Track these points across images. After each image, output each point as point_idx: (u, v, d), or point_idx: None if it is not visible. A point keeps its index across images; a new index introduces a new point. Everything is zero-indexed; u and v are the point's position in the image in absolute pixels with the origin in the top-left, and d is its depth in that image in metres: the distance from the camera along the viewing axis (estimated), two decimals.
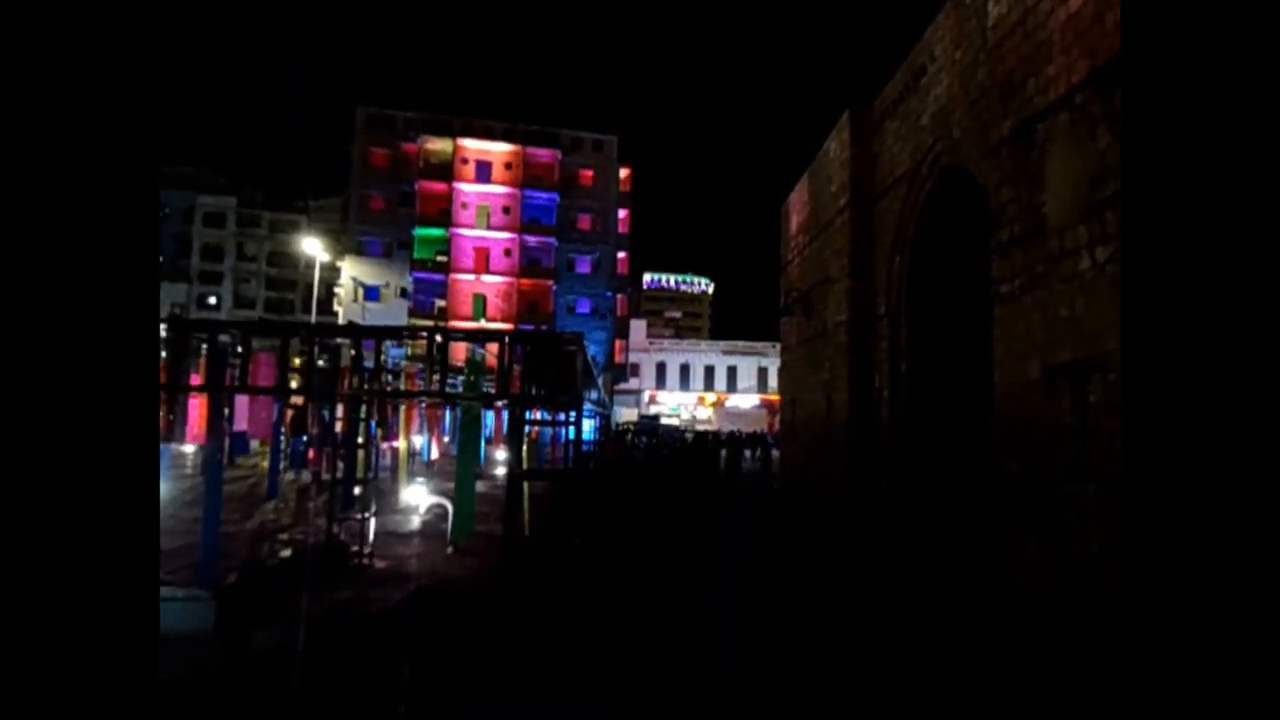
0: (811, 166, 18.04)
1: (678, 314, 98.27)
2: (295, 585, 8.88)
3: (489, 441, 22.51)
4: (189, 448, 19.90)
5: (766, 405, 56.57)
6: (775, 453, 27.30)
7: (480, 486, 15.49)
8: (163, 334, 6.80)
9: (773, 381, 53.13)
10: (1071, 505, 6.59)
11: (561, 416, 10.00)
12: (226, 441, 9.64)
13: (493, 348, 7.89)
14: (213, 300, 66.76)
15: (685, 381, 59.52)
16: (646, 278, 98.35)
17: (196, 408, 8.75)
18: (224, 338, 6.41)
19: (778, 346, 24.60)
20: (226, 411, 8.42)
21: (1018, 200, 7.95)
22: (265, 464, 21.69)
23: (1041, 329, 7.34)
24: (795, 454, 20.02)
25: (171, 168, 74.82)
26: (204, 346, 7.58)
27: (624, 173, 53.97)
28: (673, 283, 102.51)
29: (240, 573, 9.02)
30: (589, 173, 51.81)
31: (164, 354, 7.47)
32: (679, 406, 58.51)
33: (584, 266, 51.15)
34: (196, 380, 6.67)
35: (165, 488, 12.57)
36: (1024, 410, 7.66)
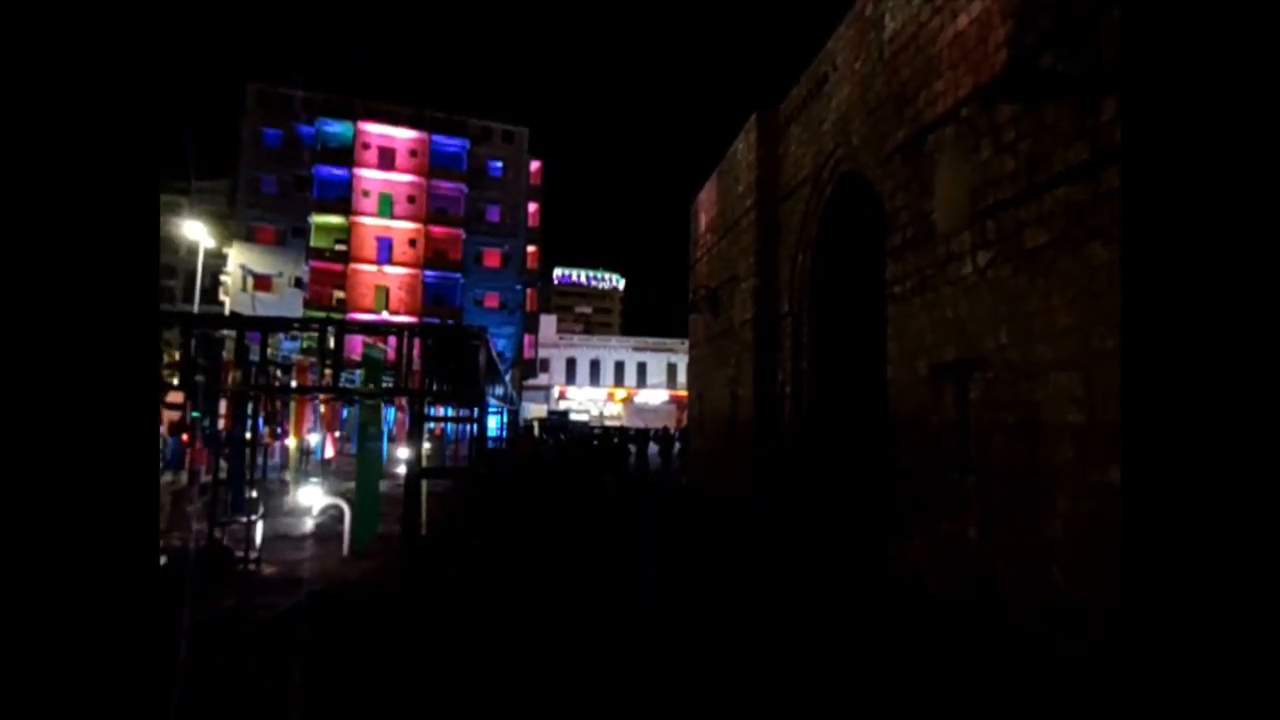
0: (720, 166, 18.38)
1: (588, 309, 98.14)
2: (173, 594, 8.25)
3: (391, 439, 21.69)
4: None
5: (675, 401, 57.39)
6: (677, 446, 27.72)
7: (382, 486, 14.91)
8: None
9: (682, 377, 53.98)
10: (954, 493, 7.02)
11: (465, 413, 9.75)
12: None
13: (393, 341, 7.57)
14: None
15: (595, 377, 59.53)
16: (557, 273, 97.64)
17: None
18: None
19: (686, 343, 24.98)
20: None
21: (909, 206, 8.37)
22: None
23: (930, 329, 7.77)
24: (702, 447, 20.39)
25: None
26: None
27: (535, 166, 53.29)
28: (584, 278, 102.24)
29: None
30: (498, 164, 50.82)
31: None
32: (588, 402, 58.46)
33: (493, 260, 50.17)
34: None
35: None
36: (913, 406, 8.08)
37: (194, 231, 34.99)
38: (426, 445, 23.96)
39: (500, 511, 13.04)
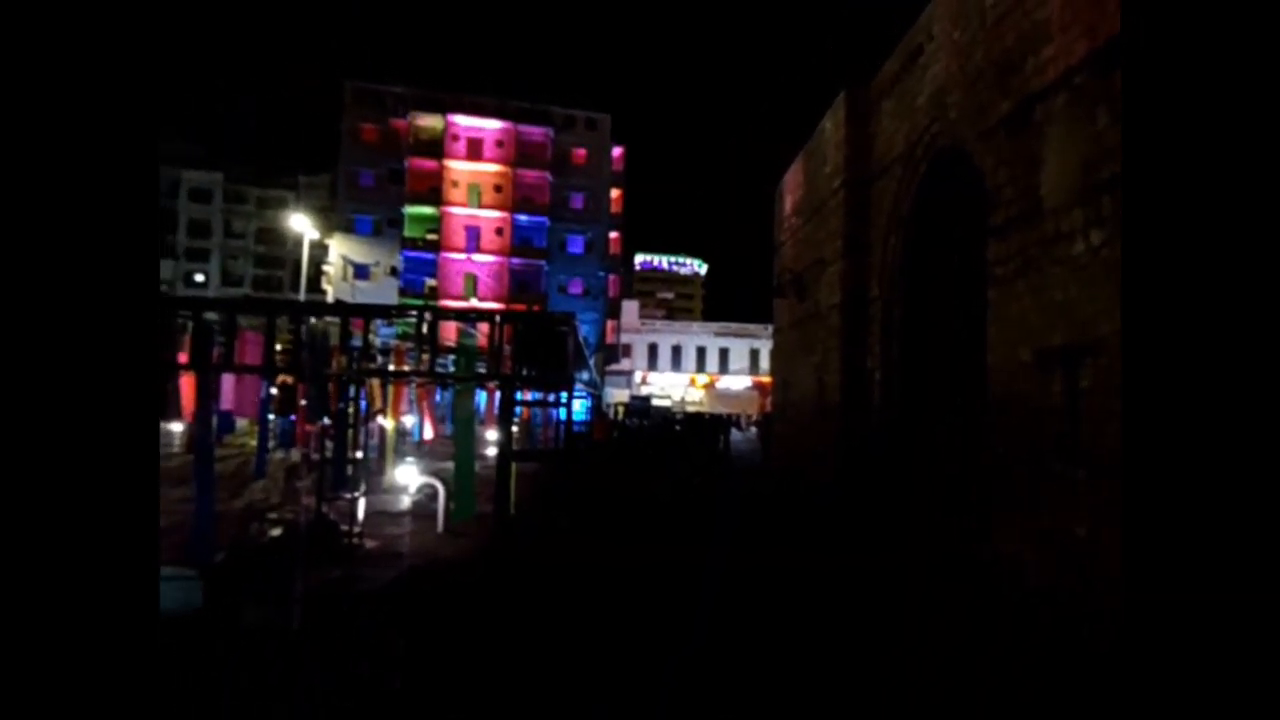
0: (807, 147, 17.91)
1: (670, 295, 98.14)
2: (285, 564, 8.85)
3: (481, 422, 22.46)
4: (176, 425, 19.76)
5: (758, 387, 56.73)
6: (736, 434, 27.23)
7: None
8: None
9: (765, 363, 53.24)
10: (1060, 486, 6.63)
11: (553, 397, 9.96)
12: (214, 420, 9.55)
13: (484, 327, 7.81)
14: (200, 277, 66.06)
15: (677, 363, 59.57)
16: (639, 259, 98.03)
17: (184, 386, 8.64)
18: (210, 315, 6.31)
19: (770, 328, 24.59)
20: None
21: (1014, 182, 7.91)
22: (252, 443, 21.59)
23: (1035, 312, 7.33)
24: (786, 433, 20.10)
25: (161, 142, 73.48)
26: (189, 324, 7.48)
27: (617, 152, 53.51)
28: (665, 264, 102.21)
29: (228, 551, 8.97)
30: (582, 151, 51.31)
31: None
32: (670, 388, 58.60)
33: (576, 246, 50.85)
34: (184, 359, 6.58)
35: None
36: (1014, 394, 7.67)
37: (299, 224, 37.11)
38: (513, 429, 24.70)
39: (584, 493, 13.29)
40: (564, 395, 8.48)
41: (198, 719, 5.45)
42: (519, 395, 8.93)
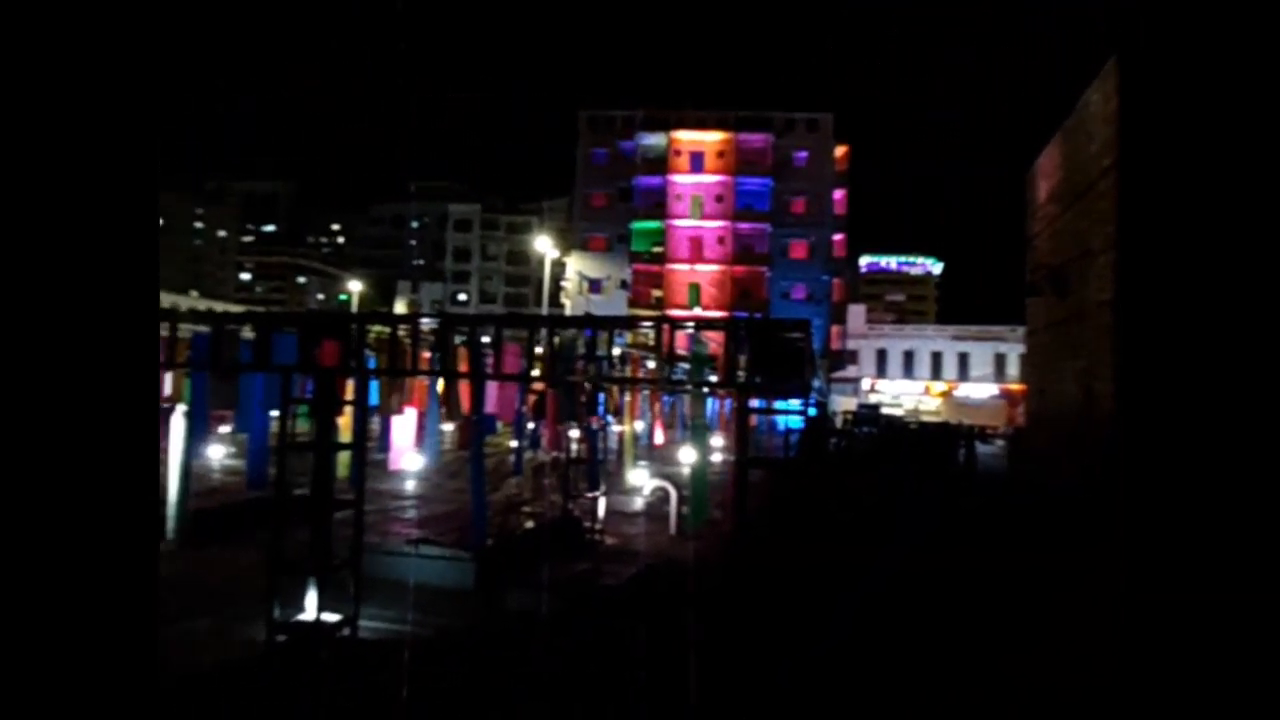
0: (1065, 125, 15.85)
1: (900, 297, 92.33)
2: (538, 554, 9.79)
3: (707, 430, 22.96)
4: (447, 426, 22.73)
5: (1006, 395, 51.16)
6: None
7: None
8: (433, 326, 7.82)
9: (1013, 369, 47.93)
10: None
11: (782, 405, 9.88)
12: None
13: (717, 336, 7.99)
14: (462, 296, 75.50)
15: (909, 369, 55.76)
16: (865, 260, 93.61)
17: (462, 391, 9.94)
18: (485, 330, 7.23)
19: (1020, 330, 22.09)
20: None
21: None
22: (508, 443, 24.12)
23: None
24: (1041, 451, 17.88)
25: (426, 182, 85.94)
26: (465, 339, 8.63)
27: (840, 151, 51.72)
28: (894, 264, 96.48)
29: (495, 540, 10.14)
30: (803, 154, 50.37)
31: (433, 344, 8.57)
32: (902, 396, 54.98)
33: (798, 251, 49.95)
34: (463, 368, 7.60)
35: (428, 462, 14.45)
36: None
37: (542, 245, 40.92)
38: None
39: (816, 501, 12.96)
40: (796, 403, 8.39)
41: (469, 690, 6.21)
42: (753, 403, 8.98)
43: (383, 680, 6.18)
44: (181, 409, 10.63)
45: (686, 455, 21.77)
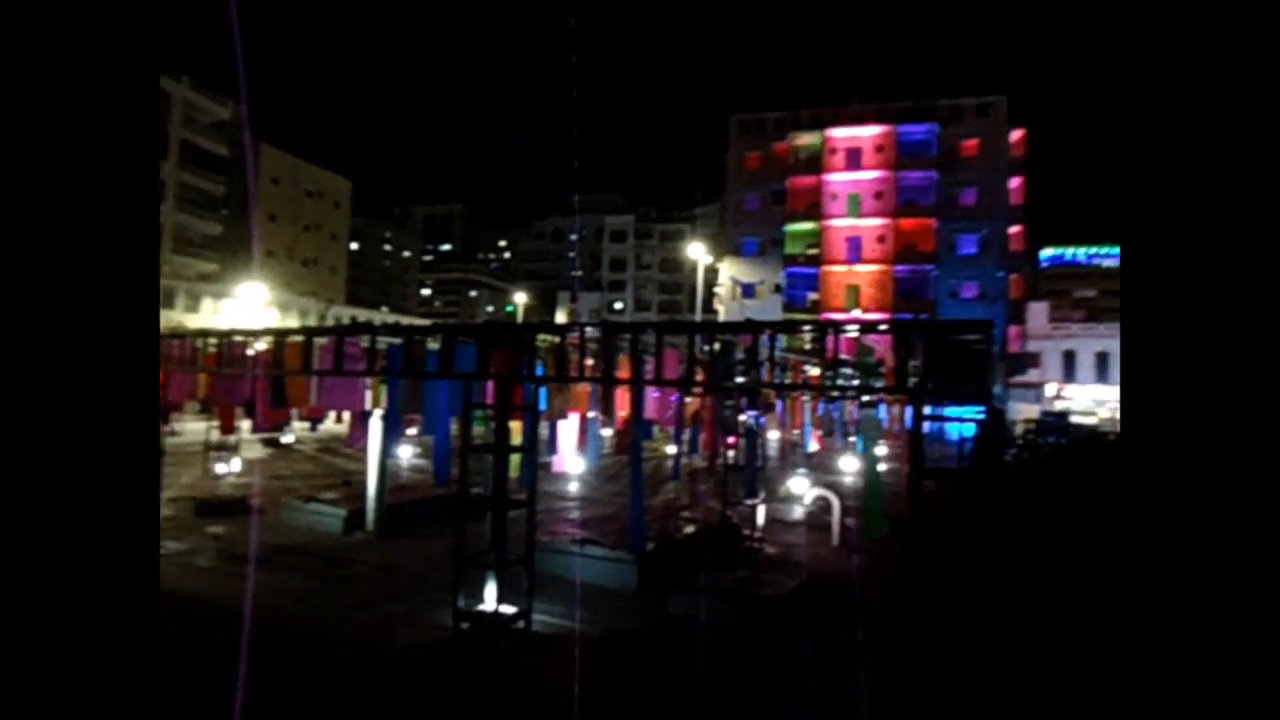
0: None
1: (1091, 293, 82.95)
2: (698, 559, 9.81)
3: (877, 437, 21.96)
4: (606, 431, 23.49)
5: None
6: None
7: (857, 481, 15.12)
8: (596, 334, 8.11)
9: None
10: None
11: (953, 411, 9.20)
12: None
13: (882, 339, 7.60)
14: (618, 305, 77.85)
15: (1103, 373, 49.88)
16: (1047, 253, 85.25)
17: (618, 398, 10.24)
18: (645, 337, 7.39)
19: None
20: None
21: None
22: (665, 448, 24.47)
23: None
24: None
25: (587, 195, 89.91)
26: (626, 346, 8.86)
27: (1016, 136, 47.52)
28: (1082, 257, 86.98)
29: (656, 543, 10.30)
30: (972, 142, 46.83)
31: (595, 352, 8.89)
32: (1094, 403, 49.29)
33: (968, 247, 46.44)
34: (623, 374, 7.81)
35: (589, 465, 14.99)
36: None
37: (695, 252, 41.24)
38: (896, 444, 23.49)
39: (993, 515, 11.93)
40: (973, 410, 7.78)
41: (638, 688, 6.32)
42: (929, 410, 8.44)
43: (557, 672, 6.47)
44: (378, 413, 11.82)
45: (847, 463, 20.95)
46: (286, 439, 25.10)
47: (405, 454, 19.92)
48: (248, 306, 37.02)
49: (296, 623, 7.66)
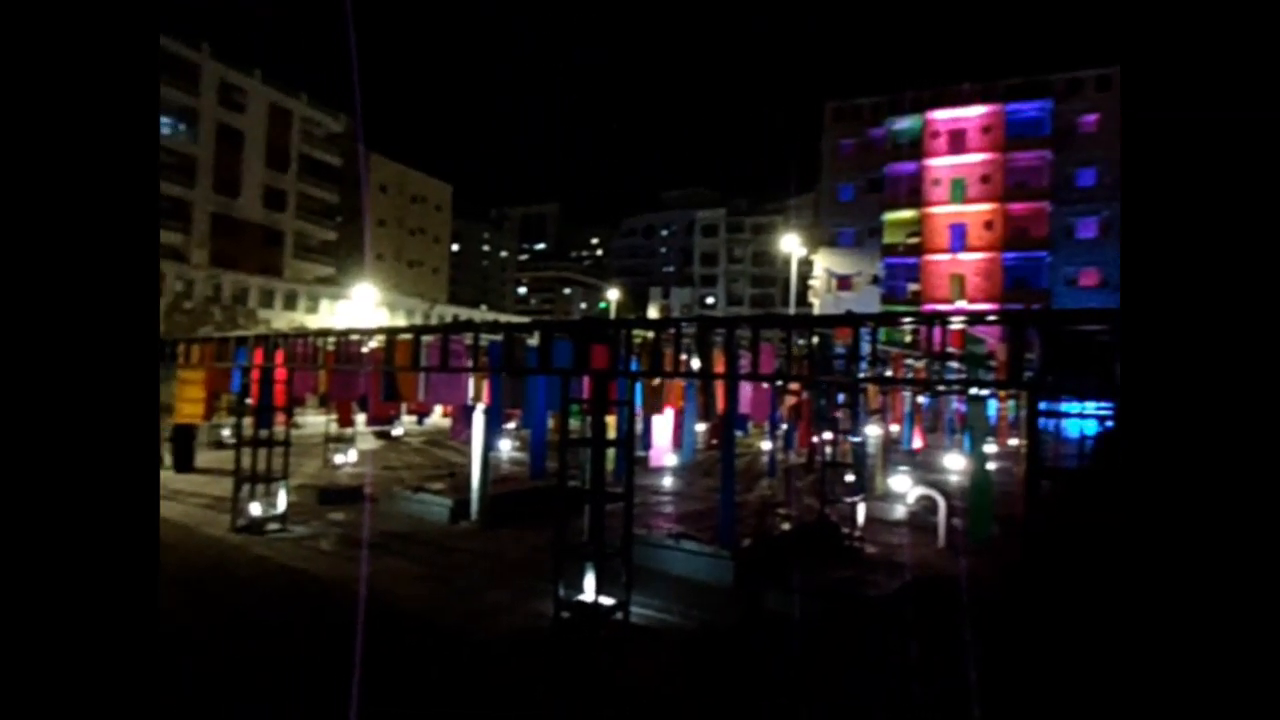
0: None
1: None
2: (795, 557, 9.64)
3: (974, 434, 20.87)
4: (700, 426, 23.45)
5: None
6: None
7: (963, 480, 14.35)
8: (691, 330, 8.10)
9: None
10: None
11: (1073, 407, 8.59)
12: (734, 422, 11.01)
13: (992, 330, 7.20)
14: (710, 300, 77.44)
15: None
16: None
17: (717, 391, 10.19)
18: (741, 331, 7.32)
19: None
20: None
21: None
22: (758, 444, 24.16)
23: None
24: None
25: (678, 190, 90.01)
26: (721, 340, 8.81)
27: None
28: None
29: (752, 539, 10.20)
30: (1091, 118, 43.49)
31: (689, 347, 8.86)
32: None
33: (1087, 230, 43.21)
34: (719, 369, 7.76)
35: (684, 459, 14.98)
36: None
37: (788, 244, 40.44)
38: (1014, 442, 22.15)
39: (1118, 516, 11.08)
40: (1089, 405, 7.23)
41: (737, 684, 6.28)
42: (1045, 406, 7.94)
43: (656, 664, 6.54)
44: (481, 407, 12.30)
45: (953, 461, 19.99)
46: (396, 432, 26.55)
47: (505, 447, 20.62)
48: (360, 307, 39.37)
49: (408, 605, 8.10)
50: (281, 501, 11.74)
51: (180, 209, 43.05)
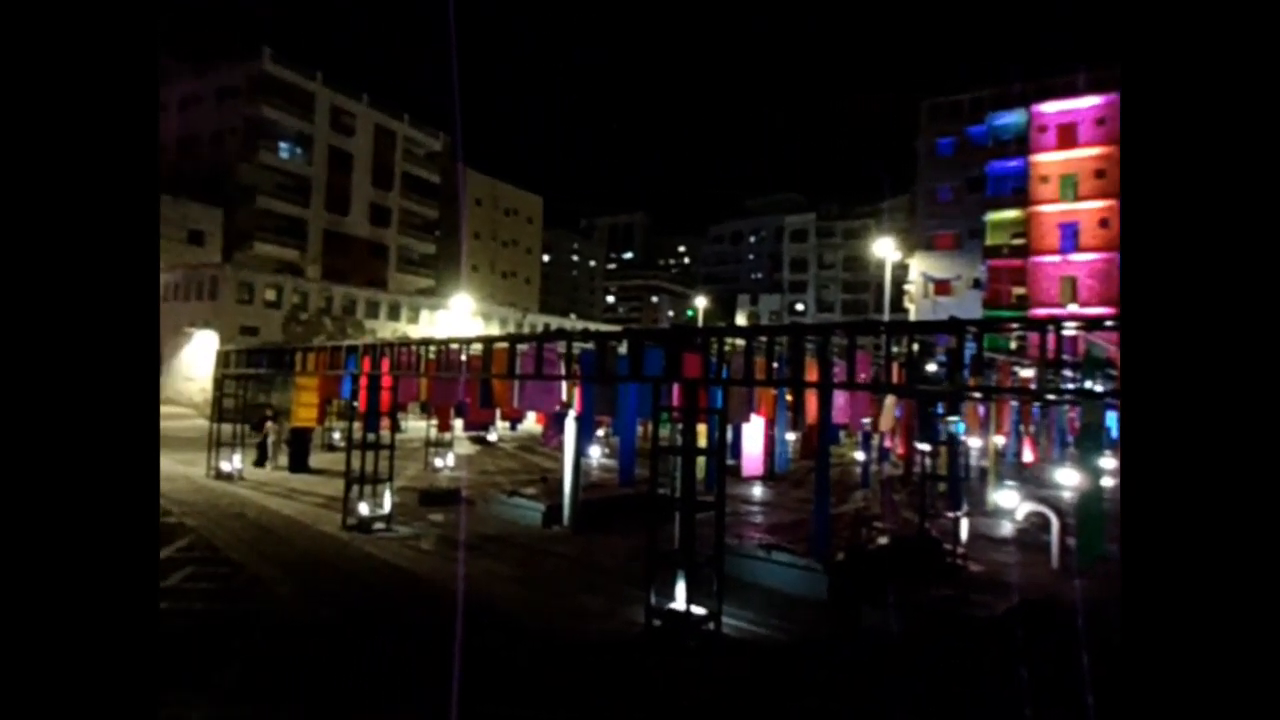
0: None
1: None
2: (893, 572, 9.27)
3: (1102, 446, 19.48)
4: (790, 435, 23.01)
5: None
6: None
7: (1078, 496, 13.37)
8: (785, 340, 7.97)
9: None
10: None
11: None
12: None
13: (1113, 336, 6.70)
14: (799, 306, 75.96)
15: None
16: None
17: (808, 401, 9.99)
18: (835, 338, 7.14)
19: None
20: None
21: None
22: (851, 454, 23.46)
23: None
24: None
25: (763, 198, 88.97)
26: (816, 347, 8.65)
27: None
28: None
29: (846, 553, 9.89)
30: None
31: (781, 355, 8.75)
32: None
33: None
34: (812, 377, 7.61)
35: (776, 469, 14.78)
36: None
37: (882, 248, 39.14)
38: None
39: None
40: None
41: (832, 700, 6.09)
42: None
43: (749, 676, 6.44)
44: (572, 414, 12.55)
45: (1066, 476, 18.71)
46: (491, 437, 27.46)
47: (595, 453, 20.92)
48: (458, 316, 41.04)
49: (503, 605, 8.33)
50: (387, 502, 12.35)
51: (297, 227, 46.30)
